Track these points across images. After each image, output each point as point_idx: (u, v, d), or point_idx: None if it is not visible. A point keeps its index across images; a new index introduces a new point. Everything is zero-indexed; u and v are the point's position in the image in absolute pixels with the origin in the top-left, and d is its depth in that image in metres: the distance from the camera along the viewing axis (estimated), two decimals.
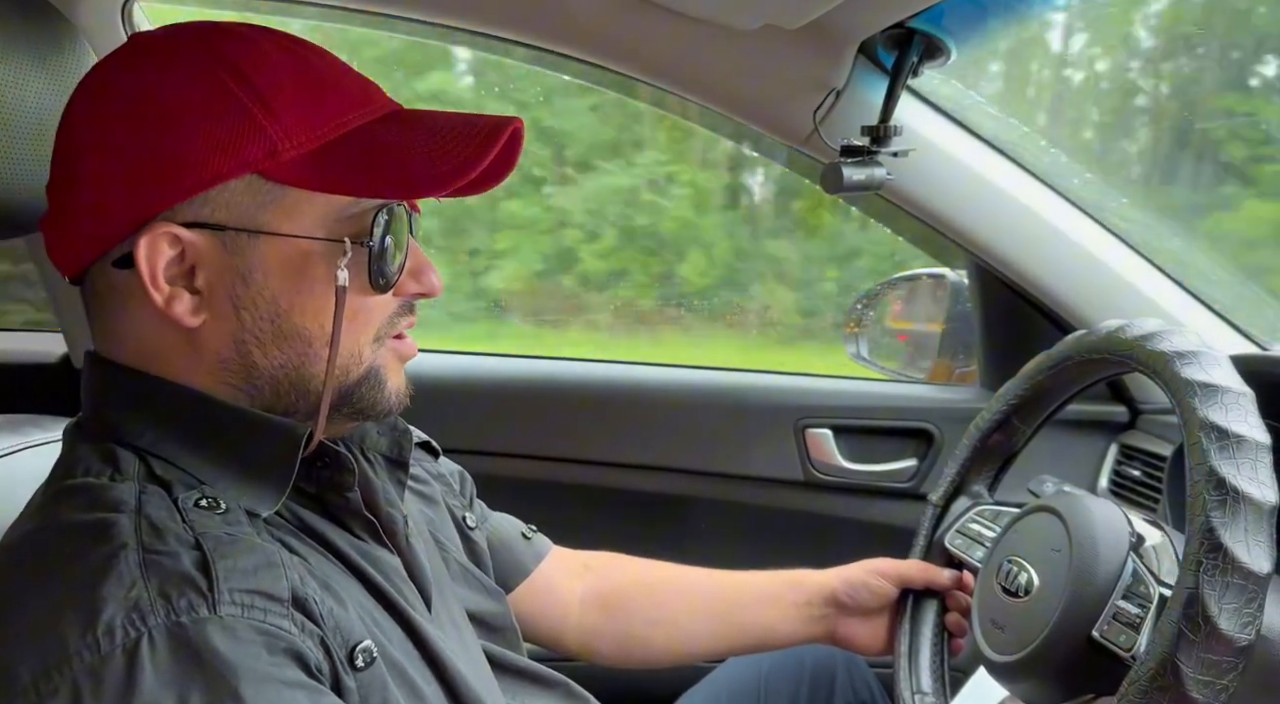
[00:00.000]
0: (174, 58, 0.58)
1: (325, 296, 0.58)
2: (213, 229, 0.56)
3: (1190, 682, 0.56)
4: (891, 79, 1.06)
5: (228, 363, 0.58)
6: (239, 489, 0.57)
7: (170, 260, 0.56)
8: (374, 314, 0.61)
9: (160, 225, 0.55)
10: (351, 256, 0.58)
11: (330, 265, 0.57)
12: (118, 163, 0.56)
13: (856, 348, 1.58)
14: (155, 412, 0.58)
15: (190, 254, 0.56)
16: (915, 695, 0.86)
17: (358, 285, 0.59)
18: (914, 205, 1.19)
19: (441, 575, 0.74)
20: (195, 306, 0.57)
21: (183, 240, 0.56)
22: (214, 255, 0.57)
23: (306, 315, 0.58)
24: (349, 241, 0.57)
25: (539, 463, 1.45)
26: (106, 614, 0.46)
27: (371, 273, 0.59)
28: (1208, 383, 0.63)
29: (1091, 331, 0.78)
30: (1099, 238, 1.22)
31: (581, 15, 1.08)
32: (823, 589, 0.93)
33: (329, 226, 0.58)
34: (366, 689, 0.54)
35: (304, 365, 0.59)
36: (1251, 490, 0.58)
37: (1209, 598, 0.56)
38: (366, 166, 0.57)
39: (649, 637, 0.97)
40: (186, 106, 0.55)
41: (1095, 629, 0.66)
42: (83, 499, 0.53)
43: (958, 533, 0.90)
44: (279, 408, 0.60)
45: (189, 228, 0.56)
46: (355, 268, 0.58)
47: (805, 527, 1.43)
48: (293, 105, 0.57)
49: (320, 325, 0.59)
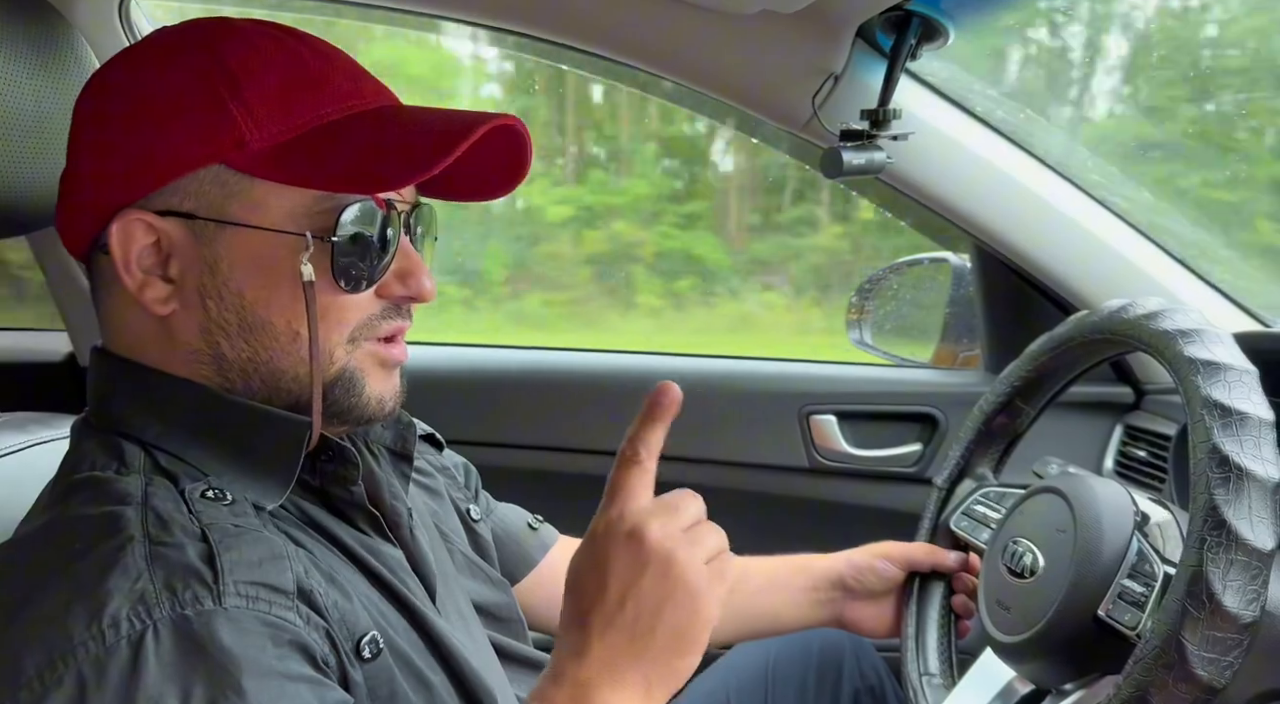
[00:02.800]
0: (167, 50, 0.59)
1: (293, 291, 0.57)
2: (183, 218, 0.57)
3: (1195, 659, 0.56)
4: (890, 62, 1.06)
5: (199, 353, 0.59)
6: (244, 482, 0.57)
7: (145, 248, 0.57)
8: (347, 314, 0.60)
9: (133, 212, 0.57)
10: (314, 252, 0.57)
11: (296, 260, 0.57)
12: (101, 149, 0.58)
13: (860, 334, 1.57)
14: (159, 405, 0.59)
15: (165, 243, 0.57)
16: (923, 677, 0.86)
17: (326, 283, 0.58)
18: (914, 189, 1.19)
19: (446, 567, 0.74)
20: (167, 295, 0.58)
21: (157, 229, 0.57)
22: (186, 245, 0.57)
23: (272, 309, 0.58)
24: (310, 236, 0.57)
25: (544, 453, 1.45)
26: (112, 606, 0.46)
27: (335, 270, 0.58)
28: (1211, 361, 0.63)
29: (1094, 312, 0.78)
30: (1100, 218, 1.22)
31: (580, 4, 1.08)
32: (829, 573, 0.94)
33: (296, 221, 0.57)
34: (374, 680, 0.55)
35: (272, 360, 0.59)
36: (1255, 467, 0.58)
37: (1213, 575, 0.56)
38: (328, 160, 0.56)
39: None
40: (165, 95, 0.57)
41: (1101, 608, 0.67)
42: (90, 493, 0.54)
43: (963, 515, 0.90)
44: (257, 400, 0.60)
45: (162, 216, 0.57)
46: (320, 264, 0.57)
47: (811, 513, 1.43)
48: (268, 98, 0.57)
49: (287, 321, 0.58)
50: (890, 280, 1.59)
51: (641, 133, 3.33)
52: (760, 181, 3.42)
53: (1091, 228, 1.21)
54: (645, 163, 3.41)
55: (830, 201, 3.23)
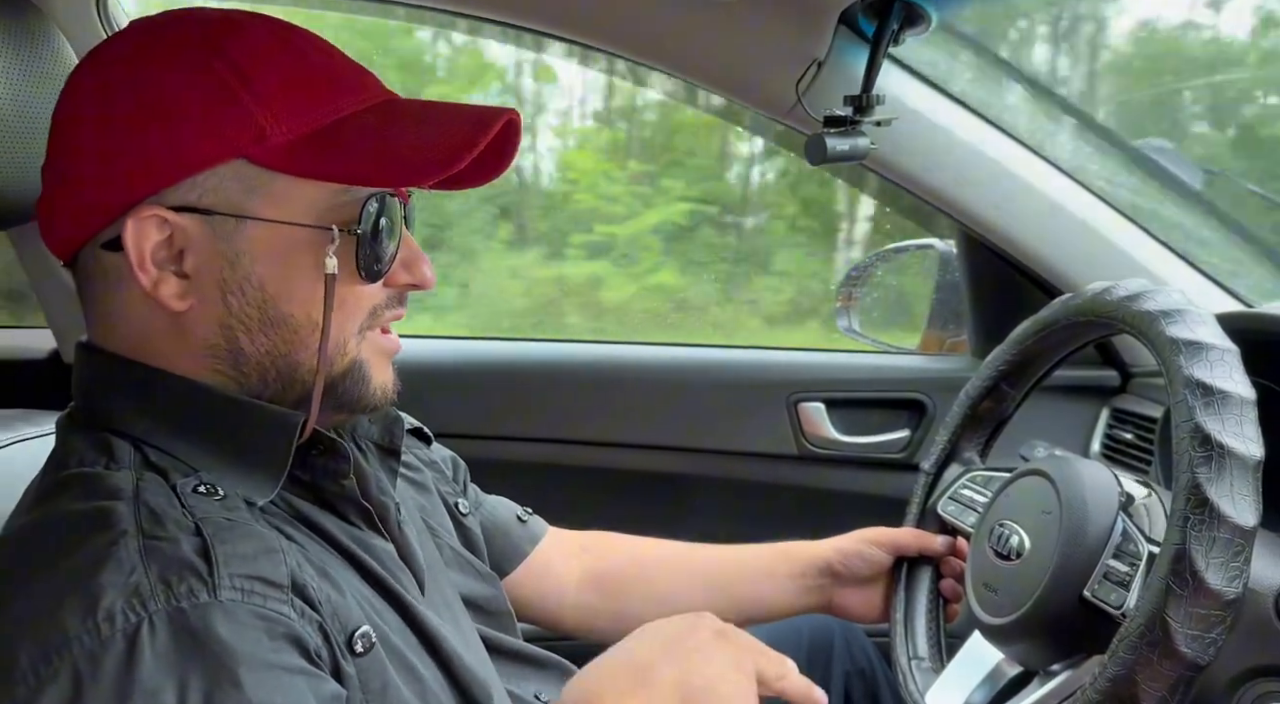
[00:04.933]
0: (168, 44, 0.58)
1: (313, 284, 0.58)
2: (200, 213, 0.56)
3: (1179, 636, 0.57)
4: (873, 48, 1.06)
5: (215, 349, 0.59)
6: (234, 477, 0.57)
7: (158, 244, 0.57)
8: (361, 304, 0.61)
9: (148, 208, 0.56)
10: (340, 245, 0.57)
11: (318, 253, 0.57)
12: (108, 145, 0.57)
13: (848, 321, 1.58)
14: (148, 400, 0.58)
15: (179, 238, 0.57)
16: (912, 661, 0.86)
17: (346, 274, 0.58)
18: (898, 174, 1.19)
19: (435, 561, 0.74)
20: (182, 291, 0.57)
21: (171, 224, 0.56)
22: (202, 240, 0.57)
23: (294, 303, 0.58)
24: (336, 229, 0.57)
25: (532, 445, 1.45)
26: (107, 600, 0.46)
27: (360, 261, 0.59)
28: (1192, 340, 0.63)
29: (1077, 294, 0.79)
30: (1083, 201, 1.22)
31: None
32: (817, 560, 0.94)
33: (319, 214, 0.58)
34: (366, 674, 0.55)
35: (291, 353, 0.59)
36: (1236, 445, 0.58)
37: (1196, 553, 0.57)
38: (353, 154, 0.57)
39: (646, 614, 0.96)
40: (176, 91, 0.56)
41: (1087, 589, 0.67)
42: (80, 489, 0.54)
43: (950, 499, 0.90)
44: (266, 396, 0.60)
45: (177, 211, 0.56)
46: (344, 256, 0.58)
47: (800, 500, 1.43)
48: (283, 92, 0.57)
49: (307, 313, 0.59)
50: (877, 267, 1.59)
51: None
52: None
53: (1076, 211, 1.22)
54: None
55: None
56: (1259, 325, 0.85)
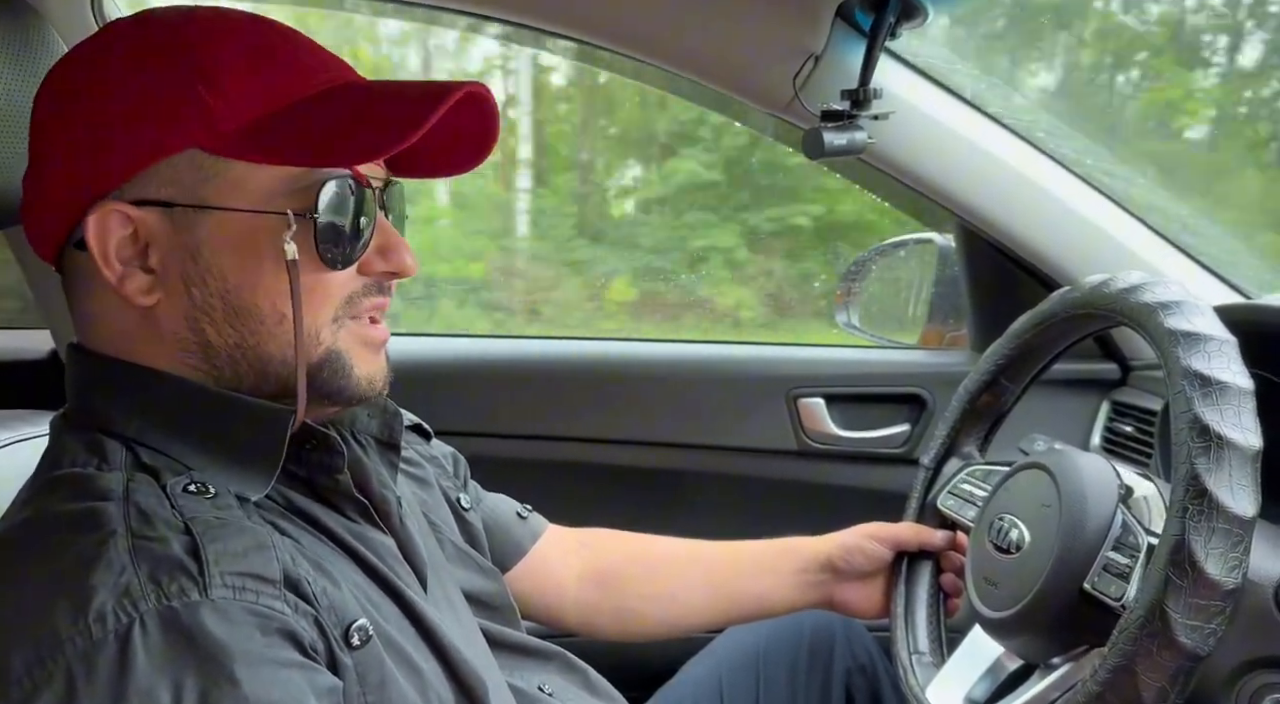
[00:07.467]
0: (128, 41, 0.58)
1: (276, 272, 0.57)
2: (160, 206, 0.56)
3: (1179, 626, 0.57)
4: (869, 42, 1.05)
5: (185, 342, 0.58)
6: (227, 474, 0.57)
7: (123, 240, 0.56)
8: (331, 292, 0.60)
9: (109, 204, 0.56)
10: (298, 231, 0.56)
11: (277, 240, 0.56)
12: (70, 143, 0.57)
13: (847, 316, 1.58)
14: (138, 400, 0.58)
15: (143, 233, 0.57)
16: (913, 656, 0.86)
17: (309, 262, 0.57)
18: (896, 168, 1.18)
19: (436, 556, 0.74)
20: (149, 285, 0.57)
21: (133, 219, 0.56)
22: (164, 233, 0.57)
23: (257, 292, 0.57)
24: (292, 214, 0.56)
25: (532, 442, 1.45)
26: (97, 601, 0.46)
27: (319, 247, 0.58)
28: (1190, 332, 0.63)
29: (1076, 287, 0.78)
30: (1082, 193, 1.22)
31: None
32: (818, 555, 0.94)
33: (277, 200, 0.57)
34: (364, 667, 0.55)
35: (260, 345, 0.58)
36: (1235, 436, 0.58)
37: (1195, 543, 0.57)
38: (303, 135, 0.56)
39: (646, 611, 0.97)
40: (127, 86, 0.56)
41: (1086, 581, 0.67)
42: (70, 489, 0.54)
43: (950, 494, 0.90)
44: (244, 388, 0.60)
45: (138, 205, 0.56)
46: (304, 243, 0.57)
47: (800, 496, 1.43)
48: (236, 78, 0.56)
49: (272, 303, 0.58)
50: (876, 262, 1.59)
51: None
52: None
53: (1073, 203, 1.21)
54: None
55: None
56: (1257, 317, 0.85)
